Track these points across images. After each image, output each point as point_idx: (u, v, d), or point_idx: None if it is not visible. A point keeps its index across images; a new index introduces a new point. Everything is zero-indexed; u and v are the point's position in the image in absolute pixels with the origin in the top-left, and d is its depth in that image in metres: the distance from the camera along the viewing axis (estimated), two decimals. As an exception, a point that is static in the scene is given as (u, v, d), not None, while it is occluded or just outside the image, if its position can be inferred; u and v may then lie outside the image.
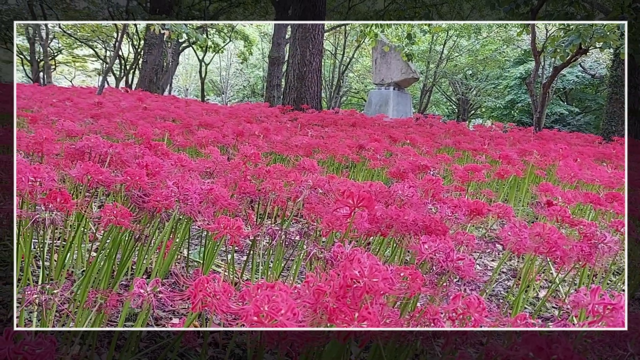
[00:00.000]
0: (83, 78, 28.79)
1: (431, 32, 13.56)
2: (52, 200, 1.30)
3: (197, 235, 2.33)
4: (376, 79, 10.60)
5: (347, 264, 0.83)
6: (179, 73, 28.51)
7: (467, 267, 1.06)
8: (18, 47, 22.24)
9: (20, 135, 2.19)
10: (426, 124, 7.08)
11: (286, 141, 3.48)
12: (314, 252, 1.19)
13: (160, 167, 1.64)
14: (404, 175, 2.28)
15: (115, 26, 18.91)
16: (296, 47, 9.06)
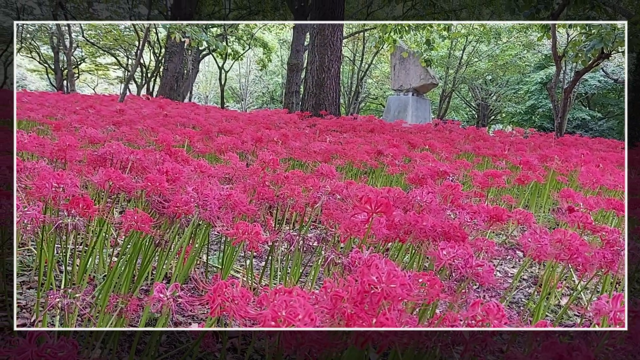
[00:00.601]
0: (105, 86, 29.29)
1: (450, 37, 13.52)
2: (75, 206, 1.32)
3: (216, 240, 2.35)
4: (395, 84, 10.58)
5: (365, 270, 0.83)
6: (199, 80, 28.81)
7: (486, 273, 1.05)
8: (43, 56, 22.75)
9: (44, 142, 2.24)
10: (445, 130, 7.04)
11: (304, 147, 3.49)
12: (331, 258, 1.19)
13: (180, 173, 1.66)
14: (423, 181, 2.27)
15: (136, 34, 19.18)
16: (315, 54, 9.09)
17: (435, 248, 1.13)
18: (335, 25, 8.98)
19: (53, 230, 1.29)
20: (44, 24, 14.83)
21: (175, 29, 8.02)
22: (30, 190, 1.42)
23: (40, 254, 1.53)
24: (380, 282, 0.80)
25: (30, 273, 1.77)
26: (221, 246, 2.16)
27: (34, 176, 1.60)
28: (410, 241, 1.40)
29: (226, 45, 14.04)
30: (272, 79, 28.33)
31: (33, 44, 21.91)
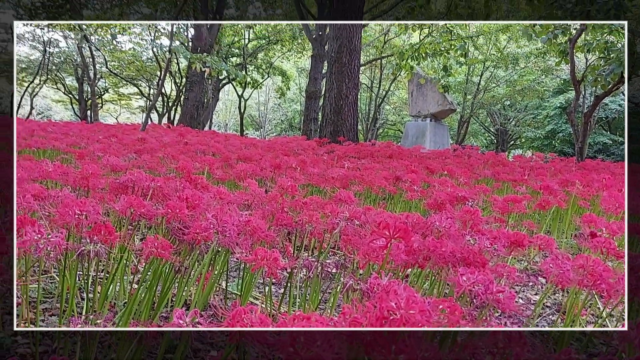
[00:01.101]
0: (128, 115, 29.88)
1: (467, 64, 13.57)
2: (97, 233, 1.34)
3: (235, 267, 2.36)
4: (412, 110, 10.60)
5: (384, 296, 0.82)
6: (219, 109, 29.23)
7: (507, 300, 1.04)
8: (67, 87, 23.35)
9: (68, 170, 2.29)
10: (464, 155, 7.01)
11: (323, 173, 3.50)
12: (350, 284, 1.19)
13: (200, 199, 1.68)
14: (442, 207, 2.26)
15: (158, 65, 19.61)
16: (332, 82, 9.19)
17: (455, 274, 1.13)
18: (353, 53, 9.09)
19: (75, 257, 1.31)
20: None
21: (196, 59, 8.19)
22: (53, 218, 1.45)
23: (63, 281, 1.55)
24: (399, 308, 0.79)
25: (52, 300, 1.79)
26: (240, 273, 2.16)
27: (58, 204, 1.63)
28: (430, 267, 1.39)
29: (245, 74, 14.30)
30: (291, 106, 28.63)
31: (58, 76, 22.53)
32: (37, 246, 1.16)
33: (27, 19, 16.71)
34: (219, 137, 8.39)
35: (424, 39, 11.10)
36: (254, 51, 20.14)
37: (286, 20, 17.85)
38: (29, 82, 20.68)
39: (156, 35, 19.14)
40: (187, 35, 18.56)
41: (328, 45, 9.90)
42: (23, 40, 21.11)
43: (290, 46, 19.97)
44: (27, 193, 1.64)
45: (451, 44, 8.34)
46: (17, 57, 19.68)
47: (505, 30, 16.00)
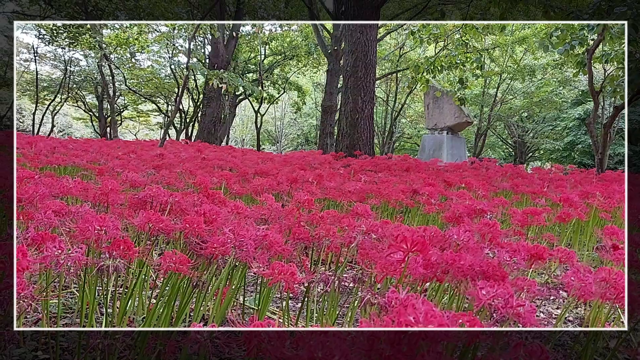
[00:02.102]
0: (146, 132, 30.30)
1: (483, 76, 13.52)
2: (116, 248, 1.35)
3: (252, 282, 2.36)
4: (429, 123, 10.58)
5: (402, 310, 0.82)
6: (235, 124, 29.52)
7: (528, 314, 1.02)
8: (88, 105, 23.78)
9: (88, 186, 2.32)
10: (482, 168, 6.96)
11: (339, 187, 3.50)
12: (368, 298, 1.18)
13: (218, 214, 1.68)
14: (460, 220, 2.24)
15: (176, 82, 19.89)
16: (348, 96, 9.22)
17: (474, 288, 1.11)
18: (368, 67, 9.11)
19: (95, 272, 1.32)
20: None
21: (213, 75, 8.29)
22: (74, 234, 1.47)
23: (82, 296, 1.56)
24: (417, 322, 0.78)
25: (72, 315, 1.81)
26: (257, 287, 2.16)
27: (78, 220, 1.65)
28: (448, 281, 1.37)
29: (262, 89, 14.42)
30: (307, 121, 28.77)
31: (79, 94, 22.97)
32: (57, 261, 1.18)
33: (49, 39, 17.08)
34: (236, 152, 8.45)
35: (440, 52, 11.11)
36: (270, 67, 20.34)
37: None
38: (50, 101, 21.14)
39: (174, 53, 19.43)
40: (204, 52, 18.84)
41: (343, 60, 9.94)
42: (45, 59, 21.60)
43: (305, 61, 20.14)
44: (48, 209, 1.66)
45: (467, 57, 8.33)
46: (39, 76, 20.10)
47: (522, 42, 15.95)
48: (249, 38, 19.29)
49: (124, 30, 17.44)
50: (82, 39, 16.10)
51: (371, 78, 9.28)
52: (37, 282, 1.81)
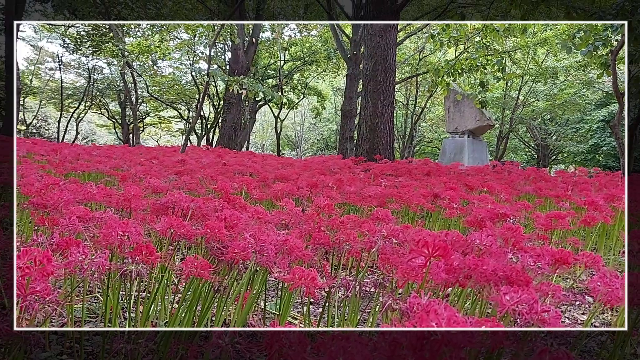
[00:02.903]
0: (168, 138, 30.66)
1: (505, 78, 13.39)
2: (139, 253, 1.37)
3: (273, 286, 2.36)
4: (450, 127, 10.51)
5: (424, 316, 0.81)
6: (256, 130, 29.69)
7: (553, 319, 1.00)
8: (111, 112, 24.17)
9: (111, 192, 2.35)
10: (504, 171, 6.88)
11: (359, 192, 3.49)
12: (389, 304, 1.17)
13: (238, 219, 1.69)
14: (482, 224, 2.22)
15: (197, 88, 20.10)
16: (368, 100, 9.20)
17: (498, 293, 1.10)
18: (388, 71, 9.09)
19: (118, 277, 1.33)
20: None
21: (234, 81, 8.35)
22: (97, 239, 1.49)
23: (106, 301, 1.58)
24: (440, 327, 0.78)
25: (96, 320, 1.83)
26: (278, 292, 2.17)
27: (101, 225, 1.68)
28: (471, 286, 1.36)
29: (281, 95, 14.49)
30: (326, 125, 28.81)
31: (102, 101, 23.37)
32: (81, 266, 1.19)
33: (73, 48, 17.41)
34: (256, 157, 8.50)
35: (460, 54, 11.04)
36: (290, 72, 20.43)
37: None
38: (74, 108, 21.55)
39: (195, 60, 19.66)
40: (225, 59, 19.01)
41: (363, 64, 9.94)
42: (69, 68, 22.04)
43: (325, 66, 20.19)
44: (72, 215, 1.69)
45: (488, 59, 8.25)
46: (63, 84, 20.50)
47: (544, 43, 15.76)
48: (269, 44, 19.41)
49: (146, 38, 17.71)
50: (105, 47, 16.39)
51: (391, 82, 9.25)
52: (62, 287, 1.84)
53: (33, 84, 22.44)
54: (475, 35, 8.77)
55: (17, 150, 5.70)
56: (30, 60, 22.87)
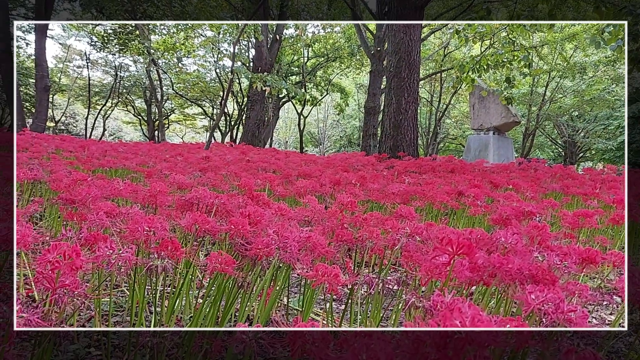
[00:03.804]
0: (193, 135, 30.97)
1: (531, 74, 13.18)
2: (164, 248, 1.39)
3: (296, 283, 2.37)
4: (474, 124, 10.39)
5: (447, 314, 0.80)
6: (279, 127, 29.80)
7: (580, 319, 0.99)
8: (137, 109, 24.51)
9: (137, 188, 2.39)
10: (530, 169, 6.77)
11: (383, 189, 3.48)
12: (412, 301, 1.16)
13: (262, 216, 1.70)
14: (507, 222, 2.19)
15: (221, 85, 20.25)
16: (391, 97, 9.15)
17: (523, 292, 1.08)
18: (412, 68, 9.02)
19: (144, 271, 1.36)
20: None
21: (257, 78, 8.39)
22: (124, 234, 1.51)
23: (132, 295, 1.61)
24: (463, 326, 0.77)
25: (123, 313, 1.86)
26: (301, 289, 2.18)
27: (128, 220, 1.70)
28: (496, 285, 1.34)
29: (305, 92, 14.50)
30: (350, 122, 28.75)
31: (128, 98, 23.72)
32: (109, 261, 1.22)
33: (100, 46, 17.69)
34: (279, 154, 8.52)
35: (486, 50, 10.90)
36: (313, 69, 20.44)
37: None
38: (101, 105, 21.92)
39: (219, 57, 19.80)
40: (249, 56, 19.11)
41: (387, 61, 9.88)
42: (96, 66, 22.41)
43: (348, 63, 20.14)
44: (100, 210, 1.72)
45: (514, 55, 8.12)
46: (90, 82, 20.86)
47: (572, 38, 15.46)
48: (292, 41, 19.44)
49: (171, 36, 17.91)
50: (132, 45, 16.62)
51: (415, 78, 9.18)
52: (89, 281, 1.88)
53: (62, 82, 22.89)
54: (502, 31, 8.63)
55: (47, 147, 5.83)
56: (59, 58, 23.34)
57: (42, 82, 12.47)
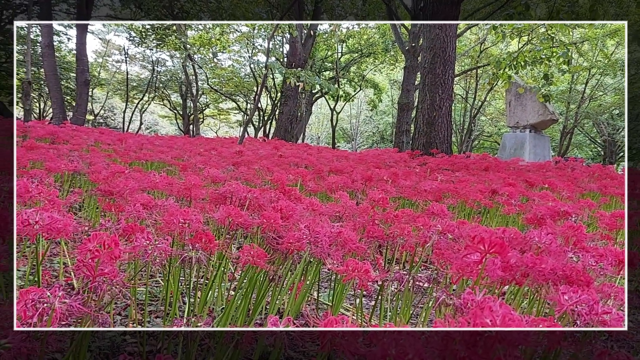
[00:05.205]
0: (226, 129, 31.32)
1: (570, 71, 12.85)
2: (198, 240, 1.42)
3: (326, 278, 2.39)
4: (510, 121, 10.20)
5: (478, 312, 0.80)
6: (311, 122, 29.85)
7: (614, 321, 0.97)
8: (172, 104, 24.92)
9: (172, 181, 2.44)
10: (567, 168, 6.62)
11: (415, 186, 3.46)
12: (443, 299, 1.16)
13: (294, 210, 1.72)
14: (542, 222, 2.15)
15: (255, 81, 20.41)
16: (425, 93, 9.06)
17: (556, 292, 1.07)
18: (447, 64, 8.92)
19: (179, 263, 1.39)
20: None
21: (291, 74, 8.43)
22: (160, 226, 1.55)
23: (167, 286, 1.65)
24: (494, 325, 0.77)
25: (157, 303, 1.91)
26: (331, 284, 2.19)
27: (163, 213, 1.75)
28: (528, 285, 1.33)
29: (338, 87, 14.48)
30: (383, 118, 28.60)
31: (165, 93, 24.13)
32: (145, 251, 1.25)
33: (138, 41, 18.05)
34: (311, 149, 8.55)
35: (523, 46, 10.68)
36: (347, 64, 20.39)
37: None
38: (139, 100, 22.38)
39: (253, 52, 19.95)
40: (283, 51, 19.20)
41: (421, 56, 9.79)
42: (134, 60, 22.87)
43: (382, 58, 20.02)
44: (136, 202, 1.77)
45: (553, 51, 7.94)
46: (128, 76, 21.30)
47: (614, 35, 15.00)
48: (326, 36, 19.43)
49: (207, 31, 18.13)
50: (169, 41, 16.90)
51: (450, 75, 9.07)
52: (125, 271, 1.93)
53: (101, 76, 23.45)
54: (540, 27, 8.44)
55: (86, 139, 5.99)
56: (98, 53, 23.90)
57: (83, 76, 12.80)
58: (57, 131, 6.53)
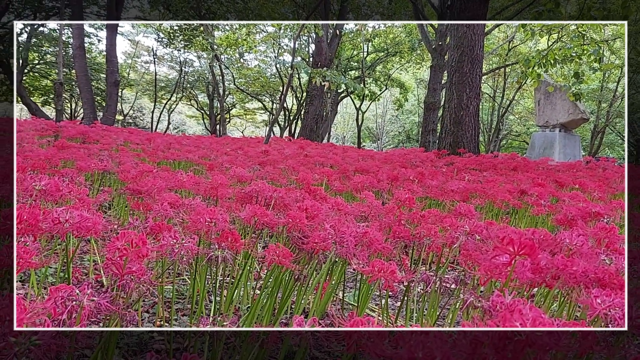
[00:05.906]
0: (253, 129, 31.53)
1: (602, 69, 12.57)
2: (225, 239, 1.43)
3: (352, 278, 2.38)
4: (540, 120, 10.02)
5: (507, 315, 0.79)
6: (337, 121, 29.82)
7: (650, 327, 0.94)
8: (200, 103, 25.19)
9: (199, 181, 2.46)
10: (598, 168, 6.47)
11: (442, 186, 3.42)
12: (470, 301, 1.14)
13: (319, 210, 1.72)
14: (573, 223, 2.11)
15: (281, 81, 20.50)
16: (452, 92, 8.97)
17: (588, 296, 1.04)
18: (474, 62, 8.81)
19: (205, 261, 1.40)
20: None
21: (317, 73, 8.43)
22: (186, 225, 1.57)
23: (194, 284, 1.67)
24: (524, 328, 0.75)
25: (184, 301, 1.93)
26: (357, 284, 2.18)
27: (190, 212, 1.76)
28: (559, 287, 1.30)
29: (364, 87, 14.43)
30: (409, 118, 28.40)
31: (192, 93, 24.41)
32: (172, 250, 1.26)
33: (166, 42, 18.31)
34: (337, 149, 8.54)
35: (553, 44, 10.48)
36: (373, 64, 20.31)
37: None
38: (167, 100, 22.69)
39: (279, 52, 20.03)
40: (308, 51, 19.23)
41: (448, 55, 9.67)
42: (162, 61, 23.19)
43: (408, 57, 19.88)
44: (164, 201, 1.79)
45: (583, 49, 7.76)
46: (157, 77, 21.62)
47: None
48: (352, 36, 19.39)
49: (234, 32, 18.28)
50: (196, 41, 17.09)
51: (477, 73, 8.95)
52: (153, 269, 1.95)
53: (130, 77, 23.84)
54: (571, 24, 8.27)
55: (116, 139, 6.10)
56: (127, 54, 24.30)
57: (112, 77, 13.04)
58: (87, 131, 6.66)
